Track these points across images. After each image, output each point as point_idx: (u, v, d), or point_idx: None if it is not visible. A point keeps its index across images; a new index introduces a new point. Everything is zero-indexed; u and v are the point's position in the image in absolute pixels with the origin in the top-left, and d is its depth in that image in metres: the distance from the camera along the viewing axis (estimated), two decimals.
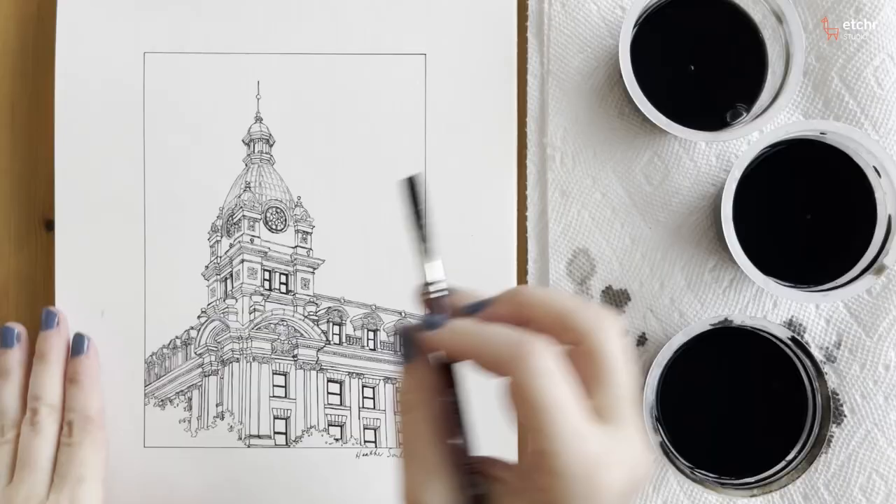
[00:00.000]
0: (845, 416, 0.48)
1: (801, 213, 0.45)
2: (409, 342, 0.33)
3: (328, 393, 0.50)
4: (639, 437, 0.32)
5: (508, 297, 0.33)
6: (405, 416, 0.33)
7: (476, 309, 0.34)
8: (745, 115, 0.46)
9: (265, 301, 0.50)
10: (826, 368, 0.49)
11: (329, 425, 0.50)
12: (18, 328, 0.49)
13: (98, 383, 0.49)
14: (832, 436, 0.48)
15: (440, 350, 0.33)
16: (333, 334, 0.50)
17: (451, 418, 0.33)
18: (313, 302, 0.50)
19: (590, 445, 0.30)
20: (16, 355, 0.48)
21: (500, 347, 0.31)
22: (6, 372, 0.48)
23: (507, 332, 0.31)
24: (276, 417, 0.50)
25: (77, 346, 0.49)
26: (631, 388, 0.32)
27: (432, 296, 0.34)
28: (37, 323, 0.50)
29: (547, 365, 0.30)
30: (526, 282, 0.50)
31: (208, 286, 0.50)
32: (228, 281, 0.50)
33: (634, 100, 0.44)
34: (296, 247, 0.50)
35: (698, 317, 0.49)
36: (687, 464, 0.44)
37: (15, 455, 0.47)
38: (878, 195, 0.44)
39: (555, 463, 0.30)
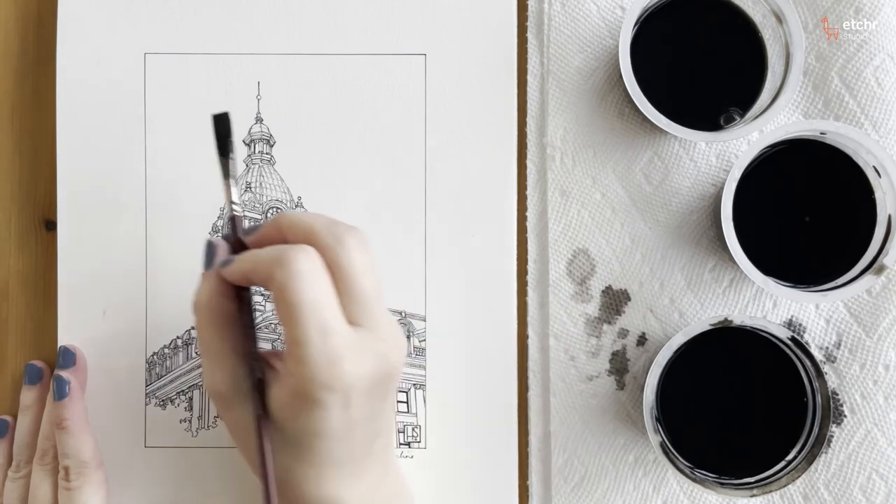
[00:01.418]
0: (845, 416, 0.48)
1: (801, 213, 0.45)
2: (212, 255, 0.39)
3: None
4: (389, 335, 0.37)
5: (272, 223, 0.38)
6: (199, 315, 0.38)
7: (250, 232, 0.39)
8: (738, 119, 0.46)
9: (266, 301, 0.50)
10: (826, 368, 0.49)
11: None
12: (42, 366, 0.49)
13: (86, 424, 0.47)
14: (832, 436, 0.48)
15: (231, 278, 0.38)
16: None
17: (238, 319, 0.39)
18: None
19: (336, 339, 0.35)
20: (36, 392, 0.49)
21: (266, 260, 0.36)
22: (27, 408, 0.49)
23: (274, 248, 0.36)
24: None
25: (59, 389, 0.47)
26: (374, 295, 0.37)
27: (236, 213, 0.40)
28: (37, 323, 0.50)
29: (302, 267, 0.35)
30: (526, 282, 0.50)
31: None
32: None
33: (634, 100, 0.44)
34: None
35: (698, 317, 0.49)
36: (687, 464, 0.44)
37: (27, 490, 0.47)
38: (877, 195, 0.44)
39: (302, 352, 0.35)
